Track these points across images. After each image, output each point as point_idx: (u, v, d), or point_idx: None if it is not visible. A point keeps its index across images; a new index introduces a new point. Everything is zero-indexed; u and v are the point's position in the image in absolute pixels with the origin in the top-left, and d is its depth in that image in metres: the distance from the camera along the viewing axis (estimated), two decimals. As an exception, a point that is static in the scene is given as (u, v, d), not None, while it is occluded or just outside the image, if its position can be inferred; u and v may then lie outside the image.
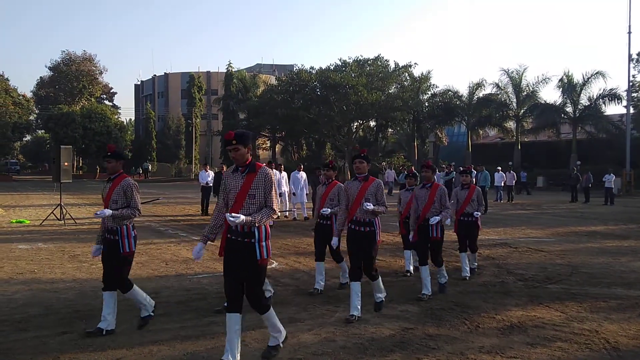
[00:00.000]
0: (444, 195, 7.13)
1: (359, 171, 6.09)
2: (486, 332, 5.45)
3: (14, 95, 56.69)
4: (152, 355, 4.71)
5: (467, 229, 8.30)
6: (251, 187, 4.42)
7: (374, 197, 5.97)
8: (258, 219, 4.33)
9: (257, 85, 58.35)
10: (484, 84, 44.37)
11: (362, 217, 5.93)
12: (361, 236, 5.95)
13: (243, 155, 4.44)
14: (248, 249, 4.37)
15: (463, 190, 8.37)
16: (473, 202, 8.23)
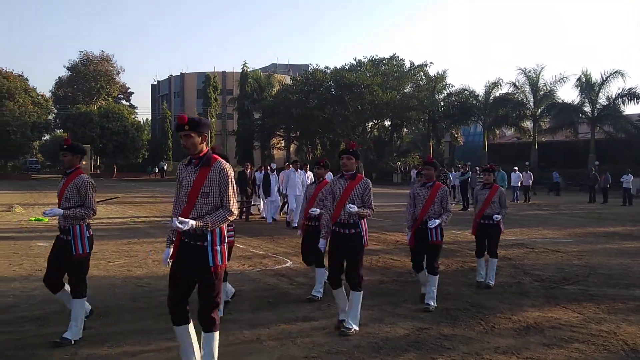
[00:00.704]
0: (446, 196, 6.53)
1: (346, 168, 5.53)
2: (502, 332, 5.42)
3: (33, 95, 57.53)
4: (169, 351, 4.74)
5: (486, 232, 7.56)
6: (204, 184, 3.89)
7: (360, 198, 5.44)
8: (210, 223, 3.82)
9: (272, 85, 58.51)
10: (500, 83, 44.13)
11: (347, 218, 5.40)
12: (345, 239, 5.42)
13: (195, 144, 3.91)
14: (201, 253, 3.87)
15: (484, 190, 7.66)
16: (494, 204, 7.47)
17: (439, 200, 6.44)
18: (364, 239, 5.50)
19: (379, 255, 9.96)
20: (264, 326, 5.52)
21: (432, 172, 6.50)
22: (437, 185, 6.52)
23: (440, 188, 6.52)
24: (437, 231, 6.38)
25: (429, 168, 6.52)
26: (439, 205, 6.44)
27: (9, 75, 56.41)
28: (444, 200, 6.46)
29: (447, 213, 6.46)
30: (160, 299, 6.62)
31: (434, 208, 6.41)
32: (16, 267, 8.48)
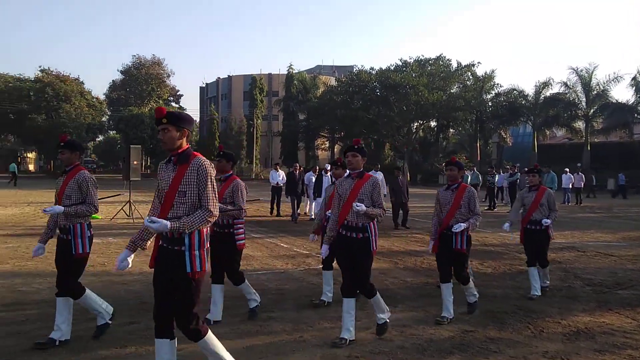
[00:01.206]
0: (474, 198, 5.89)
1: (352, 166, 5.12)
2: (551, 337, 5.27)
3: (88, 97, 59.65)
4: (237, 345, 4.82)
5: (534, 239, 7.00)
6: (181, 182, 3.59)
7: (369, 198, 5.01)
8: (188, 225, 3.49)
9: (317, 87, 58.75)
10: (551, 82, 42.99)
11: (354, 220, 4.97)
12: (352, 243, 4.98)
13: (173, 139, 3.63)
14: (178, 258, 3.57)
15: (530, 192, 7.08)
16: (542, 207, 6.93)
17: (466, 203, 5.84)
18: (372, 245, 5.00)
19: (423, 256, 9.85)
20: (307, 325, 5.55)
21: (455, 174, 5.93)
22: (462, 186, 5.92)
23: (467, 190, 5.91)
24: (463, 237, 5.76)
25: (452, 169, 5.94)
26: (466, 209, 5.84)
27: (66, 78, 58.67)
28: (471, 203, 5.85)
29: (476, 217, 5.83)
30: (206, 295, 6.73)
31: (461, 212, 5.82)
32: (70, 262, 8.80)
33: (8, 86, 57.81)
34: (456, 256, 5.83)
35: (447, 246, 5.82)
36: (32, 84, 57.61)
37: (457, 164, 5.99)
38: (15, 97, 56.27)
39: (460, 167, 5.97)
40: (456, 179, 5.94)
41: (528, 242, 7.11)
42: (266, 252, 10.15)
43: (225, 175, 5.70)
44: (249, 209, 19.99)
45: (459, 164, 6.00)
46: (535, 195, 7.02)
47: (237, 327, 5.47)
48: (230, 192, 5.58)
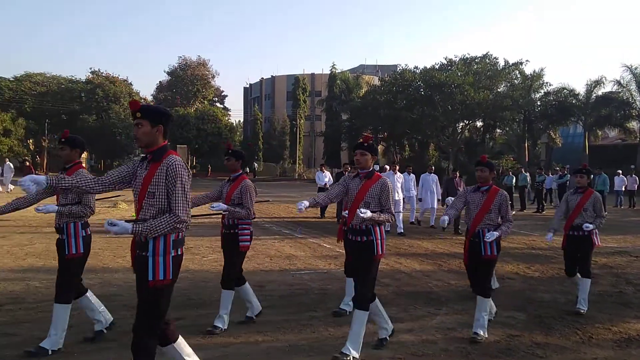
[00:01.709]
0: (505, 202, 5.39)
1: (360, 165, 4.77)
2: (600, 343, 5.11)
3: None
4: (257, 345, 4.90)
5: (576, 246, 6.40)
6: (151, 183, 3.34)
7: (377, 201, 4.68)
8: (150, 230, 3.23)
9: (360, 86, 58.55)
10: (603, 81, 41.45)
11: (359, 224, 4.65)
12: (357, 248, 4.71)
13: (148, 135, 3.38)
14: (144, 264, 3.34)
15: (575, 195, 6.49)
16: (586, 212, 6.33)
17: (497, 207, 5.35)
18: (376, 249, 4.64)
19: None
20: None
21: (487, 175, 5.45)
22: (493, 189, 5.41)
23: (498, 193, 5.40)
24: (493, 245, 5.27)
25: (483, 169, 5.44)
26: (496, 214, 5.37)
27: (115, 80, 60.54)
28: (502, 208, 5.36)
29: (508, 223, 5.34)
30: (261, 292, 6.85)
31: (490, 217, 5.34)
32: (120, 259, 9.08)
33: (61, 87, 60.06)
34: (483, 263, 5.32)
35: (477, 254, 5.32)
36: (84, 85, 59.67)
37: (488, 164, 5.51)
38: (67, 99, 58.41)
39: (491, 167, 5.51)
40: (487, 181, 5.46)
41: (570, 250, 6.48)
42: (309, 252, 10.21)
43: (235, 175, 5.56)
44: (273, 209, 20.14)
45: (490, 164, 5.53)
46: (580, 199, 6.42)
47: (280, 325, 5.52)
48: (238, 193, 5.43)
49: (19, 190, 18.35)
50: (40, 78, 60.35)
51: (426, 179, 15.28)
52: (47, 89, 59.20)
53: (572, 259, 6.50)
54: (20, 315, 5.72)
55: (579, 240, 6.38)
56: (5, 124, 49.22)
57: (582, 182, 6.59)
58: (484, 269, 5.35)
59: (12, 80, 58.04)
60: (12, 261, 8.66)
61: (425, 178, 15.31)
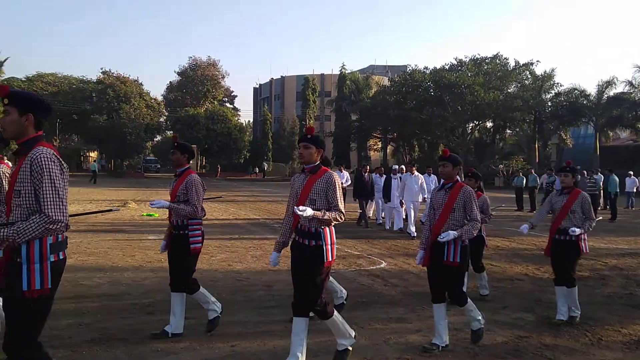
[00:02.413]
0: (470, 200, 4.82)
1: (304, 160, 4.26)
2: (610, 345, 5.07)
3: (147, 98, 61.58)
4: (265, 344, 4.91)
5: (561, 252, 5.81)
6: (17, 179, 2.94)
7: (324, 198, 4.17)
8: (19, 234, 2.83)
9: (370, 87, 58.57)
10: (615, 81, 41.21)
11: (306, 225, 4.17)
12: (304, 252, 4.20)
13: (14, 124, 2.99)
14: (16, 273, 2.91)
15: (561, 196, 5.89)
16: (574, 214, 5.73)
17: (461, 205, 4.81)
18: (325, 255, 4.14)
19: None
20: (357, 325, 5.53)
21: (449, 170, 4.92)
22: (458, 185, 4.88)
23: (462, 190, 4.84)
24: (456, 248, 4.72)
25: (445, 164, 4.92)
26: (461, 213, 4.82)
27: (125, 80, 60.79)
28: (467, 206, 4.81)
29: (473, 223, 4.77)
30: (258, 293, 6.89)
31: (455, 217, 4.81)
32: (129, 258, 9.13)
33: (72, 88, 60.44)
34: (447, 271, 4.79)
35: (438, 258, 4.80)
36: (95, 85, 59.99)
37: (451, 158, 4.94)
38: (78, 99, 58.78)
39: (455, 162, 4.94)
40: (451, 177, 4.93)
41: (555, 256, 5.90)
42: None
43: (181, 170, 5.18)
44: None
45: (454, 159, 4.95)
46: (566, 200, 5.82)
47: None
48: (184, 189, 5.02)
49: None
50: (51, 78, 60.78)
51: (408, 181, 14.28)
52: (58, 89, 59.60)
53: (556, 266, 5.94)
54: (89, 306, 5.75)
55: (564, 246, 5.80)
56: (17, 124, 49.64)
57: (566, 181, 5.94)
58: (450, 279, 4.80)
59: (24, 81, 58.48)
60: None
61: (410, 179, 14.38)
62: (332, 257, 4.22)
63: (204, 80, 72.13)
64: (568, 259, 5.84)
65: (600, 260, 9.84)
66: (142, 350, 4.68)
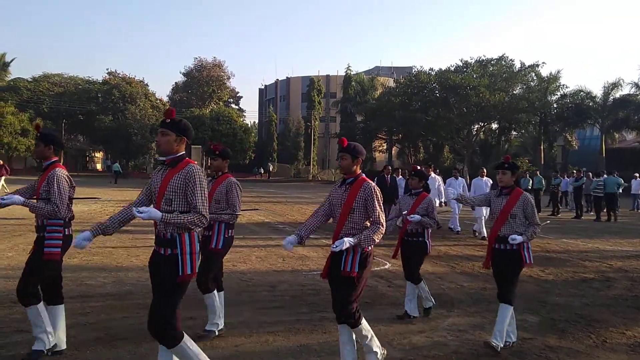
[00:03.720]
0: (372, 197, 4.04)
1: (161, 149, 3.74)
2: (614, 347, 5.05)
3: (152, 99, 61.82)
4: (268, 345, 4.92)
5: (501, 264, 5.06)
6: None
7: (182, 196, 3.59)
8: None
9: (375, 88, 58.58)
10: (621, 83, 41.07)
11: (164, 231, 3.62)
12: (159, 262, 3.66)
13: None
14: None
15: (501, 197, 5.10)
16: (515, 219, 4.96)
17: (362, 204, 4.08)
18: (182, 268, 3.56)
19: (481, 261, 9.62)
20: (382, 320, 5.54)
21: (348, 162, 4.17)
22: (359, 180, 4.14)
23: (363, 185, 4.10)
24: (355, 256, 4.03)
25: (344, 156, 4.21)
26: (361, 215, 4.12)
27: (131, 80, 61.05)
28: (369, 205, 4.06)
29: (373, 227, 4.03)
30: (262, 293, 6.90)
31: (354, 218, 4.12)
32: (133, 258, 9.16)
33: (78, 88, 60.69)
34: (342, 282, 4.06)
35: (336, 267, 4.12)
36: (100, 86, 60.25)
37: (350, 149, 4.22)
38: (84, 99, 59.02)
39: (354, 153, 4.21)
40: (350, 171, 4.23)
41: (496, 268, 5.12)
42: (321, 253, 10.21)
43: (46, 164, 4.58)
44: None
45: (353, 150, 4.23)
46: (506, 202, 5.03)
47: (292, 326, 5.53)
48: (46, 185, 4.44)
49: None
50: (57, 79, 61.05)
51: (479, 184, 13.45)
52: (64, 89, 59.86)
53: (498, 279, 5.12)
54: (93, 306, 5.76)
55: (504, 256, 5.00)
56: (23, 124, 49.85)
57: (505, 180, 5.11)
58: (343, 290, 4.05)
59: (31, 81, 58.80)
60: (28, 259, 8.76)
61: (477, 183, 13.58)
62: (191, 269, 3.58)
63: (210, 81, 72.27)
64: (509, 271, 5.00)
65: (605, 262, 9.81)
66: (145, 349, 4.69)
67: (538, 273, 8.68)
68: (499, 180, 5.19)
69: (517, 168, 5.18)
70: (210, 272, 5.12)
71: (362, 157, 4.25)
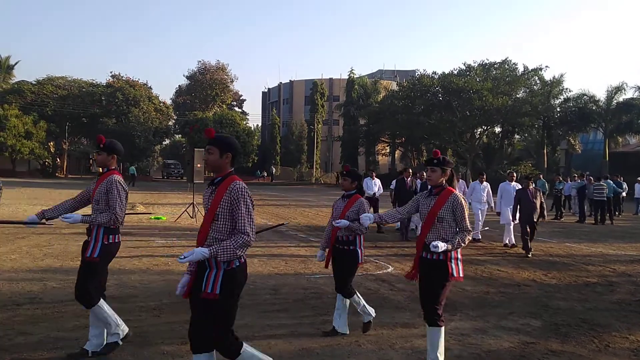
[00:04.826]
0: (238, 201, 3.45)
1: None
2: (617, 352, 5.03)
3: (155, 102, 61.86)
4: (270, 348, 4.92)
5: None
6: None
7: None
8: None
9: (378, 91, 58.64)
10: (624, 87, 41.02)
11: None
12: None
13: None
14: None
15: (430, 197, 4.43)
16: (442, 223, 4.27)
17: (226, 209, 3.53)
18: None
19: (484, 265, 9.64)
20: (361, 330, 5.54)
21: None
22: (227, 180, 3.55)
23: (230, 185, 3.52)
24: (217, 274, 3.39)
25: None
26: (225, 222, 3.54)
27: (135, 83, 61.14)
28: (234, 211, 3.46)
29: (238, 236, 3.40)
30: (265, 297, 6.90)
31: (217, 226, 3.51)
32: (136, 261, 9.17)
33: (82, 91, 60.80)
34: (203, 307, 3.42)
35: (197, 290, 3.49)
36: (104, 88, 60.36)
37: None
38: (88, 102, 59.15)
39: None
40: (220, 169, 3.66)
41: (420, 281, 4.49)
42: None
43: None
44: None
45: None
46: (433, 204, 4.36)
47: (294, 329, 5.54)
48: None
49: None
50: (61, 81, 61.17)
51: (507, 189, 12.63)
52: (68, 92, 59.97)
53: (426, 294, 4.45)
54: (37, 315, 5.80)
55: (428, 267, 4.36)
56: (27, 127, 49.96)
57: (433, 177, 4.41)
58: (205, 316, 3.42)
59: (35, 84, 58.96)
60: (30, 262, 8.78)
61: (505, 188, 12.74)
62: None
63: (213, 84, 72.33)
64: (433, 285, 4.34)
65: (608, 266, 9.79)
66: (148, 352, 4.70)
67: (541, 277, 8.66)
68: (427, 178, 4.56)
69: (448, 164, 4.45)
70: (89, 284, 4.54)
71: None
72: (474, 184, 13.55)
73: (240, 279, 3.50)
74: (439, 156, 4.44)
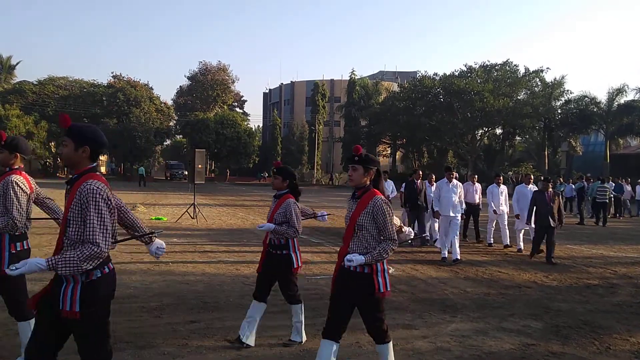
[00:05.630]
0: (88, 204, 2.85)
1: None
2: (618, 354, 5.03)
3: (157, 102, 61.96)
4: (271, 349, 4.92)
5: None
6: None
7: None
8: None
9: (379, 92, 58.71)
10: (625, 89, 41.03)
11: None
12: None
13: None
14: None
15: (352, 199, 3.91)
16: (362, 231, 3.75)
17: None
18: None
19: (485, 267, 9.63)
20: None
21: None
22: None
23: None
24: (75, 289, 2.94)
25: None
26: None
27: (136, 84, 61.25)
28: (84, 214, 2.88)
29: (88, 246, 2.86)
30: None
31: None
32: (137, 261, 9.17)
33: (83, 91, 60.94)
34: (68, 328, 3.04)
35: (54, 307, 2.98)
36: (105, 89, 60.45)
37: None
38: (89, 102, 59.25)
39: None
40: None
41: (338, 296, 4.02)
42: (325, 258, 10.22)
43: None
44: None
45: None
46: (355, 208, 3.82)
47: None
48: None
49: None
50: (63, 82, 61.32)
51: (524, 193, 12.12)
52: (69, 92, 60.13)
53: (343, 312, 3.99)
54: None
55: (351, 280, 3.83)
56: (28, 127, 50.06)
57: (355, 177, 3.85)
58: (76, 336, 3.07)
59: (36, 84, 59.06)
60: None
61: (522, 191, 12.23)
62: None
63: (214, 84, 72.39)
64: (359, 301, 3.91)
65: (609, 268, 9.77)
66: (149, 353, 4.70)
67: (542, 279, 8.65)
68: (348, 178, 3.95)
69: (372, 162, 3.88)
70: (17, 296, 4.22)
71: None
72: (491, 187, 12.99)
73: (103, 292, 3.01)
74: (360, 152, 3.84)
